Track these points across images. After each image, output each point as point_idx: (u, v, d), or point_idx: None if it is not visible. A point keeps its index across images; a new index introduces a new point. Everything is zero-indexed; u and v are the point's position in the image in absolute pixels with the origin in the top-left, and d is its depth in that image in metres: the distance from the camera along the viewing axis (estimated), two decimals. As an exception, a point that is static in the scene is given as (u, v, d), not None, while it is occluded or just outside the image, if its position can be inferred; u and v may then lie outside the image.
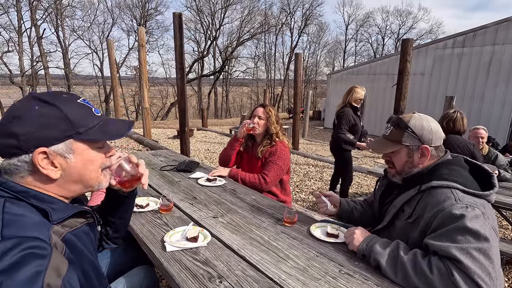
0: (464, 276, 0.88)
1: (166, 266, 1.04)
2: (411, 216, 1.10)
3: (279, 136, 2.16)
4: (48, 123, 0.68)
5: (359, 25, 30.86)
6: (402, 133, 1.18)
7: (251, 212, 1.55)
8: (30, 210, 0.66)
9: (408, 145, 1.17)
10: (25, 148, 0.66)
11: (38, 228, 0.62)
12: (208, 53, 26.86)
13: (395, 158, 1.23)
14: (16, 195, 0.66)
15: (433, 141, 1.17)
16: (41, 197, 0.69)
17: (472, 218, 0.94)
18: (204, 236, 1.25)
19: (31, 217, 0.64)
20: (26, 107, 0.68)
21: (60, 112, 0.69)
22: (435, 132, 1.17)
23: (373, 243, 1.09)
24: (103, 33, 23.61)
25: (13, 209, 0.63)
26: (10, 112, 0.68)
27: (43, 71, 19.73)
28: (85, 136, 0.73)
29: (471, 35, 9.94)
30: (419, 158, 1.18)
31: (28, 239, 0.57)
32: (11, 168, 0.68)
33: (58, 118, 0.69)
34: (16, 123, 0.66)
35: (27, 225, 0.62)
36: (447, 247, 0.93)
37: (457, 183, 1.04)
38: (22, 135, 0.65)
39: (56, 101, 0.71)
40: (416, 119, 1.19)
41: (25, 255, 0.55)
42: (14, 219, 0.61)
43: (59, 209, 0.70)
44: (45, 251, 0.57)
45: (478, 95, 9.98)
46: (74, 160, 0.72)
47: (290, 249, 1.19)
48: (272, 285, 0.96)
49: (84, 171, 0.75)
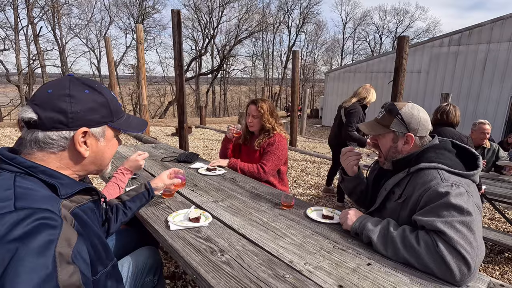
0: (448, 246, 0.94)
1: (170, 242, 1.10)
2: (401, 197, 1.17)
3: (276, 129, 2.23)
4: (95, 108, 0.76)
5: (357, 23, 31.06)
6: (392, 118, 1.25)
7: (250, 198, 1.61)
8: (39, 184, 0.69)
9: (395, 130, 1.24)
10: (71, 125, 0.72)
11: (48, 201, 0.65)
12: (206, 51, 26.88)
13: (381, 141, 1.30)
14: (25, 170, 0.69)
15: (419, 131, 1.23)
16: (50, 173, 0.73)
17: (457, 195, 1.01)
18: (206, 218, 1.31)
19: (41, 191, 0.68)
20: (77, 89, 0.74)
21: (105, 100, 0.79)
22: (423, 123, 1.24)
23: (365, 222, 1.16)
24: (100, 32, 23.59)
25: (23, 183, 0.67)
26: (61, 89, 0.73)
27: (40, 69, 19.65)
28: (117, 124, 0.82)
29: (467, 33, 10.06)
30: (403, 145, 1.24)
31: (40, 210, 0.61)
32: (45, 141, 0.72)
33: (103, 105, 0.78)
34: (69, 101, 0.72)
35: (38, 198, 0.65)
36: (433, 221, 0.99)
37: (443, 165, 1.11)
38: (71, 113, 0.71)
39: (102, 90, 0.80)
40: (408, 107, 1.25)
41: (38, 225, 0.58)
42: (26, 192, 0.64)
43: (67, 184, 0.74)
44: (56, 222, 0.61)
45: (474, 93, 10.11)
46: (103, 143, 0.81)
47: (288, 229, 1.26)
48: (270, 258, 1.03)
49: (106, 154, 0.84)
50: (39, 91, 0.73)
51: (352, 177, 1.53)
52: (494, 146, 3.25)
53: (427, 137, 1.28)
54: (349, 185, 1.56)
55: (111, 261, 0.83)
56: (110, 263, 0.83)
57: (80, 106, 0.73)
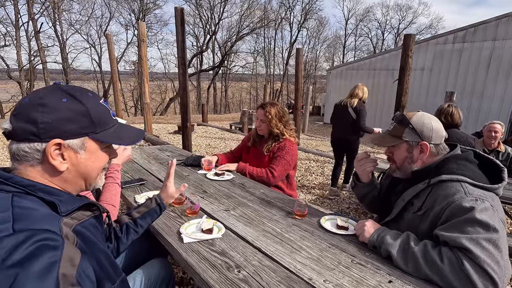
0: (474, 265, 0.91)
1: (185, 257, 1.07)
2: (421, 209, 1.14)
3: (285, 134, 2.18)
4: (72, 118, 0.70)
5: (359, 19, 30.80)
6: (403, 129, 1.23)
7: (261, 205, 1.58)
8: (38, 203, 0.66)
9: (408, 140, 1.21)
10: (42, 136, 0.67)
11: (48, 221, 0.63)
12: (207, 47, 26.73)
13: (395, 153, 1.27)
14: (23, 189, 0.67)
15: (432, 139, 1.20)
16: (48, 190, 0.70)
17: (482, 210, 0.97)
18: (219, 229, 1.28)
19: (40, 210, 0.65)
20: (54, 98, 0.69)
21: (85, 109, 0.72)
22: (435, 130, 1.21)
23: (384, 235, 1.13)
24: (100, 27, 23.43)
25: (22, 203, 0.64)
26: (35, 98, 0.68)
27: (41, 65, 19.58)
28: (100, 136, 0.75)
29: (472, 30, 9.94)
30: (419, 154, 1.22)
31: (39, 232, 0.58)
32: (18, 153, 0.68)
33: (81, 114, 0.71)
34: (41, 110, 0.66)
35: (38, 218, 0.62)
36: (457, 237, 0.96)
37: (466, 177, 1.07)
38: (42, 123, 0.66)
39: (83, 98, 0.73)
40: (419, 116, 1.23)
41: (38, 247, 0.55)
42: (24, 213, 0.61)
43: (66, 201, 0.71)
44: (57, 242, 0.58)
45: (478, 91, 10.02)
46: (84, 156, 0.74)
47: (303, 241, 1.23)
48: (289, 275, 1.00)
49: (90, 168, 0.77)
50: (20, 100, 0.70)
51: (366, 184, 1.50)
52: (509, 150, 3.14)
53: (443, 145, 1.25)
54: (362, 191, 1.53)
55: (119, 276, 0.80)
56: (119, 278, 0.80)
57: (53, 116, 0.67)
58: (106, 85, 22.92)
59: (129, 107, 25.05)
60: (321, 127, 14.06)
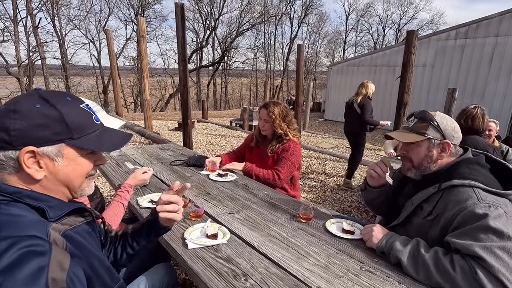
0: (488, 274, 0.89)
1: (190, 264, 1.05)
2: (431, 214, 1.11)
3: (289, 134, 2.14)
4: (44, 124, 0.67)
5: (360, 15, 30.54)
6: (427, 125, 1.19)
7: (266, 208, 1.55)
8: (26, 210, 0.65)
9: (431, 138, 1.17)
10: (14, 144, 0.65)
11: (35, 226, 0.62)
12: (207, 43, 26.55)
13: (413, 151, 1.22)
14: (10, 196, 0.65)
15: (454, 138, 1.18)
16: (36, 196, 0.68)
17: (496, 217, 0.95)
18: (223, 233, 1.26)
19: (28, 216, 0.64)
20: (27, 103, 0.67)
21: (59, 115, 0.68)
22: (456, 131, 1.19)
23: (393, 241, 1.11)
24: (99, 23, 23.23)
25: (9, 210, 0.62)
26: (10, 105, 0.67)
27: (40, 61, 19.45)
28: (78, 142, 0.71)
29: (474, 26, 9.86)
30: (439, 153, 1.18)
31: (24, 238, 0.57)
32: None
33: (55, 120, 0.68)
34: (13, 117, 0.65)
35: (24, 224, 0.61)
36: (470, 245, 0.94)
37: (478, 182, 1.04)
38: (13, 131, 0.64)
39: (58, 103, 0.69)
40: (440, 116, 1.21)
41: (22, 254, 0.54)
42: (10, 220, 0.60)
43: (56, 206, 0.69)
44: (43, 247, 0.57)
45: (480, 87, 9.97)
46: (62, 164, 0.71)
47: (310, 246, 1.21)
48: (296, 283, 0.98)
49: (70, 176, 0.73)
50: None
51: (376, 190, 1.44)
52: (503, 147, 3.11)
53: (459, 147, 1.22)
54: (370, 195, 1.50)
55: (116, 283, 0.78)
56: (116, 285, 0.78)
57: (25, 122, 0.65)
58: (106, 81, 22.80)
59: (128, 103, 24.95)
60: (322, 124, 14.02)
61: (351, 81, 13.46)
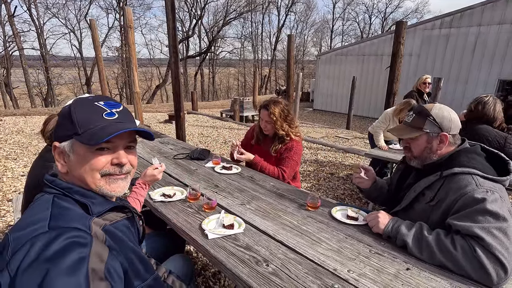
0: (486, 252, 1.00)
1: (213, 253, 1.11)
2: (433, 199, 1.21)
3: (290, 135, 2.16)
4: (61, 122, 0.76)
5: (347, 3, 30.54)
6: (424, 120, 1.28)
7: (274, 199, 1.63)
8: (74, 204, 0.73)
9: (429, 131, 1.27)
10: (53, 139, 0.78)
11: (79, 220, 0.68)
12: (194, 33, 26.00)
13: (414, 144, 1.32)
14: (62, 191, 0.73)
15: (451, 129, 1.27)
16: (83, 193, 0.75)
17: (492, 201, 1.05)
18: (239, 224, 1.32)
19: (74, 210, 0.71)
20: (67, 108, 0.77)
21: (69, 113, 0.74)
22: (454, 121, 1.28)
23: (398, 225, 1.20)
24: (79, 11, 22.29)
25: (60, 203, 0.70)
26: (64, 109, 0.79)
27: (18, 52, 18.59)
28: (81, 138, 0.72)
29: (458, 16, 10.09)
30: (438, 144, 1.28)
31: (70, 229, 0.63)
32: None
33: (66, 118, 0.75)
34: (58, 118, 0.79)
35: (71, 217, 0.68)
36: (470, 226, 1.04)
37: (477, 170, 1.14)
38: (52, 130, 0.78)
39: (75, 102, 0.77)
40: (438, 108, 1.29)
41: (67, 244, 0.60)
42: (60, 213, 0.68)
43: (98, 203, 0.76)
44: (85, 239, 0.63)
45: (463, 76, 10.29)
46: (73, 159, 0.74)
47: (320, 232, 1.29)
48: (314, 267, 1.06)
49: (80, 171, 0.75)
50: None
51: (371, 189, 1.58)
52: None
53: (458, 136, 1.31)
54: (370, 194, 1.62)
55: (151, 274, 0.84)
56: (151, 276, 0.83)
57: (57, 122, 0.78)
58: (89, 72, 22.07)
59: (113, 95, 24.31)
60: (311, 113, 14.15)
61: (339, 71, 13.59)
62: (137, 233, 0.94)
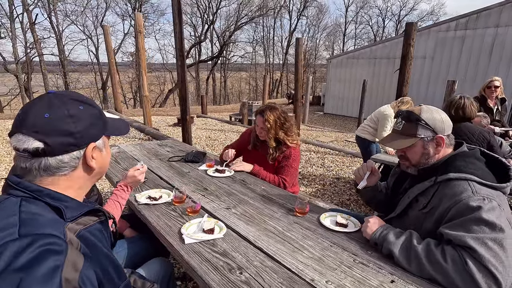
0: (478, 265, 0.91)
1: (186, 259, 1.07)
2: (426, 207, 1.12)
3: (286, 143, 2.08)
4: (94, 122, 0.76)
5: (359, 7, 30.24)
6: (415, 126, 1.19)
7: (262, 203, 1.57)
8: (45, 208, 0.68)
9: (423, 137, 1.18)
10: (79, 144, 0.73)
11: (53, 226, 0.64)
12: (206, 37, 26.35)
13: (410, 152, 1.23)
14: (31, 194, 0.68)
15: (445, 130, 1.18)
16: (55, 196, 0.71)
17: (489, 209, 0.96)
18: (220, 228, 1.28)
19: (46, 215, 0.66)
20: (73, 107, 0.72)
21: (98, 112, 0.79)
22: (445, 121, 1.19)
23: (386, 233, 1.12)
24: (97, 18, 23.03)
25: (29, 207, 0.65)
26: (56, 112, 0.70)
27: (38, 58, 19.35)
28: (107, 131, 0.81)
29: (474, 17, 9.77)
30: (435, 148, 1.19)
31: (43, 236, 0.59)
32: (57, 166, 0.71)
33: (98, 117, 0.78)
34: (71, 121, 0.71)
35: (43, 223, 0.63)
36: (462, 236, 0.95)
37: (474, 175, 1.06)
38: (78, 133, 0.71)
39: (92, 103, 0.79)
40: (426, 111, 1.20)
41: (41, 252, 0.56)
42: (30, 218, 0.63)
43: (72, 207, 0.72)
44: (61, 247, 0.59)
45: (480, 79, 9.91)
46: (105, 152, 0.81)
47: (305, 240, 1.22)
48: (290, 275, 1.00)
49: (107, 161, 0.84)
50: (33, 117, 0.68)
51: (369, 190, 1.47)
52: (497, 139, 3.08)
53: (451, 134, 1.23)
54: (366, 195, 1.52)
55: (123, 281, 0.80)
56: (122, 283, 0.80)
57: (83, 123, 0.73)
58: (104, 77, 22.70)
59: (128, 99, 24.88)
60: (321, 117, 13.99)
61: (351, 74, 13.40)
62: (110, 237, 0.92)
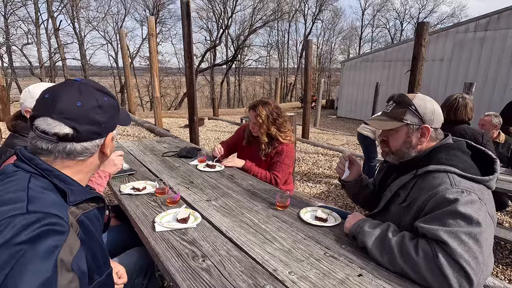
0: (449, 259, 0.85)
1: (153, 245, 1.07)
2: (405, 200, 1.07)
3: (279, 139, 2.05)
4: (114, 113, 0.80)
5: (376, 10, 29.74)
6: (404, 110, 1.13)
7: (245, 197, 1.55)
8: (51, 188, 0.70)
9: (409, 123, 1.12)
10: (103, 133, 0.77)
11: (58, 207, 0.66)
12: (220, 42, 26.71)
13: (392, 137, 1.17)
14: (41, 172, 0.70)
15: (434, 122, 1.12)
16: (63, 178, 0.73)
17: (467, 202, 0.90)
18: (195, 218, 1.27)
19: (51, 195, 0.68)
20: (101, 98, 0.76)
21: (117, 104, 0.83)
22: (437, 114, 1.13)
23: (363, 224, 1.08)
24: (117, 24, 23.88)
25: (37, 184, 0.68)
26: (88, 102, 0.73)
27: (61, 62, 20.27)
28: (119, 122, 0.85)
29: (495, 18, 9.38)
30: (418, 138, 1.13)
31: (50, 216, 0.61)
32: (81, 151, 0.74)
33: (117, 109, 0.82)
34: (100, 112, 0.75)
35: (49, 202, 0.65)
36: (436, 230, 0.90)
37: (455, 168, 1.00)
38: (103, 123, 0.75)
39: (112, 94, 0.82)
40: (420, 98, 1.14)
41: (46, 230, 0.58)
42: (38, 196, 0.65)
43: (77, 191, 0.74)
44: (63, 228, 0.62)
45: (501, 82, 9.48)
46: (115, 141, 0.84)
47: (278, 232, 1.19)
48: (253, 265, 0.97)
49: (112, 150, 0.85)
50: (66, 104, 0.71)
51: (352, 183, 1.43)
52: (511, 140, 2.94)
53: (439, 130, 1.16)
54: (350, 191, 1.47)
55: (107, 269, 0.81)
56: (106, 271, 0.80)
57: (108, 114, 0.77)
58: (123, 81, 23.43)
59: (145, 101, 25.54)
60: (334, 121, 13.78)
61: (365, 77, 13.16)
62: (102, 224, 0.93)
